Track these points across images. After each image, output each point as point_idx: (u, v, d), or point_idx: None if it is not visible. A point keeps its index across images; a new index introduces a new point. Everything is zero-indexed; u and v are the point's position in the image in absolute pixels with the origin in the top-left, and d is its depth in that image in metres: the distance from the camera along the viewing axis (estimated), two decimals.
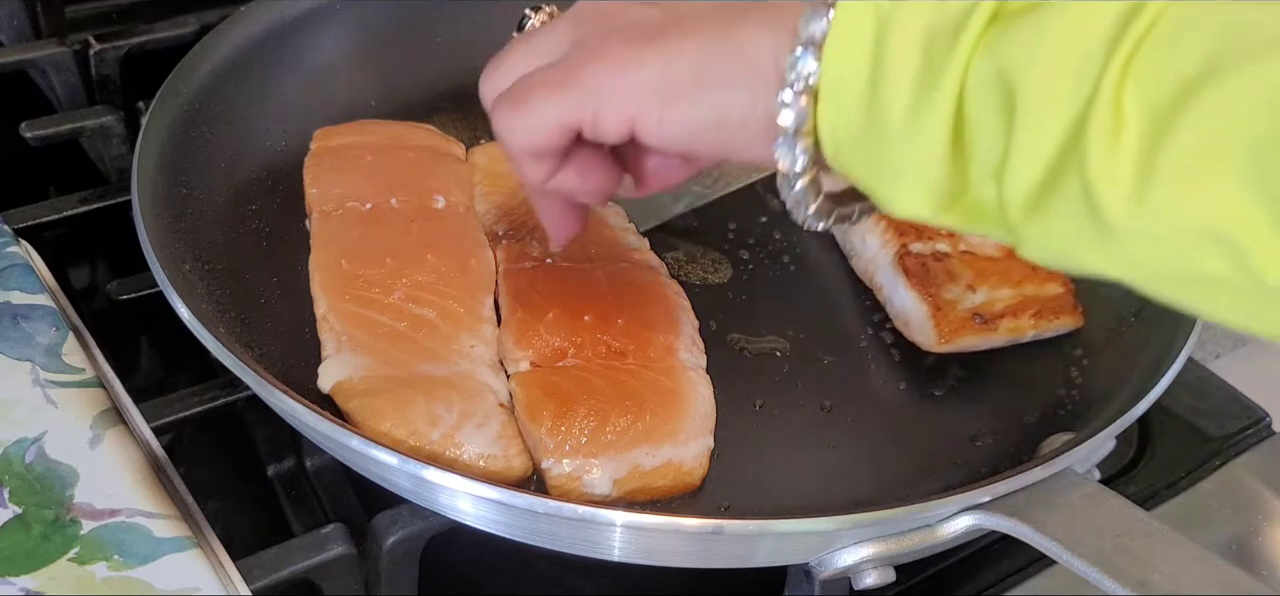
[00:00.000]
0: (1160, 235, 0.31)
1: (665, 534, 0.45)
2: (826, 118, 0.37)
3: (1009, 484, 0.45)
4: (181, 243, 0.56)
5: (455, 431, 0.49)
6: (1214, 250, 0.30)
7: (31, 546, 0.43)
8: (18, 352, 0.50)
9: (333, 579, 0.48)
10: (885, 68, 0.35)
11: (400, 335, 0.54)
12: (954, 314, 0.57)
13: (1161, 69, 0.31)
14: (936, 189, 0.36)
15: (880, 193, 0.38)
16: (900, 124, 0.36)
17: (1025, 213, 0.34)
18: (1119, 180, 0.31)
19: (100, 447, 0.47)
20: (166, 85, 0.62)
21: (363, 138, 0.64)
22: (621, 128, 0.42)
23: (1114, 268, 0.33)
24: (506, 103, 0.44)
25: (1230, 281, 0.31)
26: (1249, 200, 0.29)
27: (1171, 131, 0.30)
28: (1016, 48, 0.33)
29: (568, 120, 0.42)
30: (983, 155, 0.35)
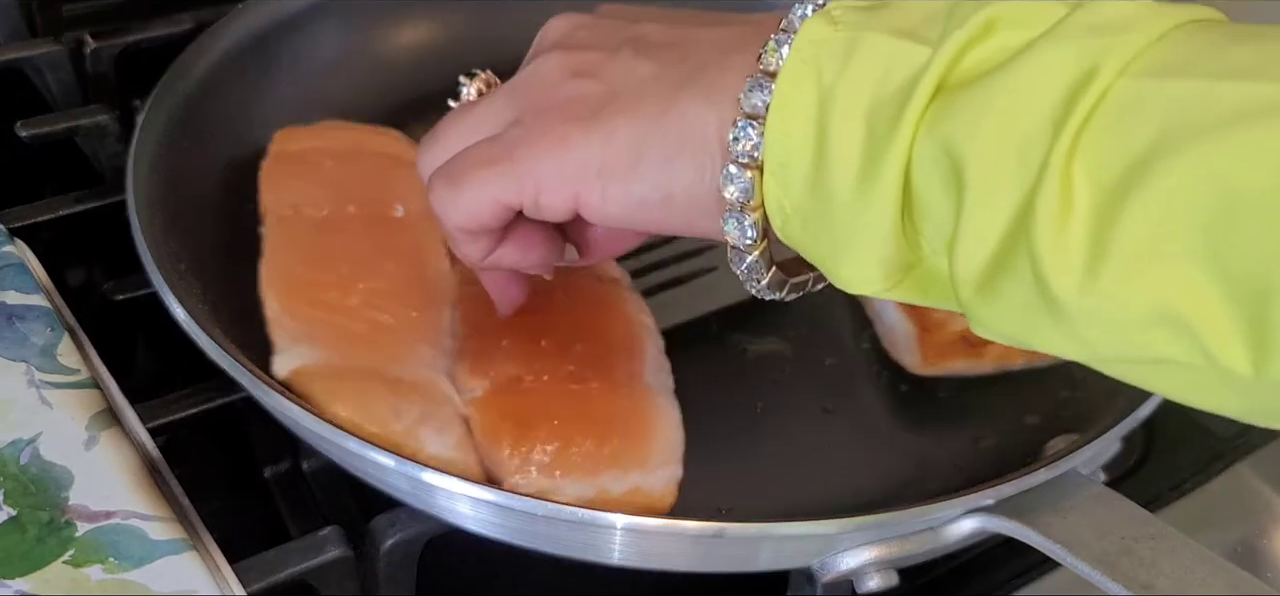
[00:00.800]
0: (1113, 318, 0.30)
1: (666, 537, 0.44)
2: (772, 194, 0.37)
3: (1013, 486, 0.45)
4: (177, 242, 0.55)
5: (418, 428, 0.48)
6: (1168, 334, 0.29)
7: (26, 548, 0.43)
8: (12, 353, 0.50)
9: (330, 581, 0.48)
10: (829, 143, 0.35)
11: (358, 335, 0.52)
12: (941, 336, 0.56)
13: (1110, 149, 0.30)
14: (887, 264, 0.35)
15: (830, 267, 0.37)
16: (847, 200, 0.35)
17: (976, 291, 0.33)
18: (1069, 262, 0.30)
19: (95, 449, 0.47)
20: (162, 84, 0.62)
21: (324, 142, 0.63)
22: (564, 208, 0.41)
23: (1067, 349, 0.32)
24: (442, 180, 0.43)
25: (1187, 365, 0.30)
26: (1202, 281, 0.28)
27: (1121, 212, 0.29)
28: (962, 123, 0.32)
29: (505, 200, 0.42)
30: (933, 230, 0.34)
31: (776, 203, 0.37)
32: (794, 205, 0.36)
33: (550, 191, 0.41)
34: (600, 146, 0.39)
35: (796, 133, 0.35)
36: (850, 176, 0.34)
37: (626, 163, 0.39)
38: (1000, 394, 0.57)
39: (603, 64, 0.41)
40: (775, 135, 0.36)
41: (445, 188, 0.43)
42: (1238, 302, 0.28)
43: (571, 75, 0.41)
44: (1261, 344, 0.28)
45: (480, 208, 0.42)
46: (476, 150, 0.42)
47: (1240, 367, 0.28)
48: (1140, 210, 0.29)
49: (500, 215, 0.42)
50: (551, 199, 0.41)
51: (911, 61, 0.33)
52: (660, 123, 0.38)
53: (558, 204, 0.41)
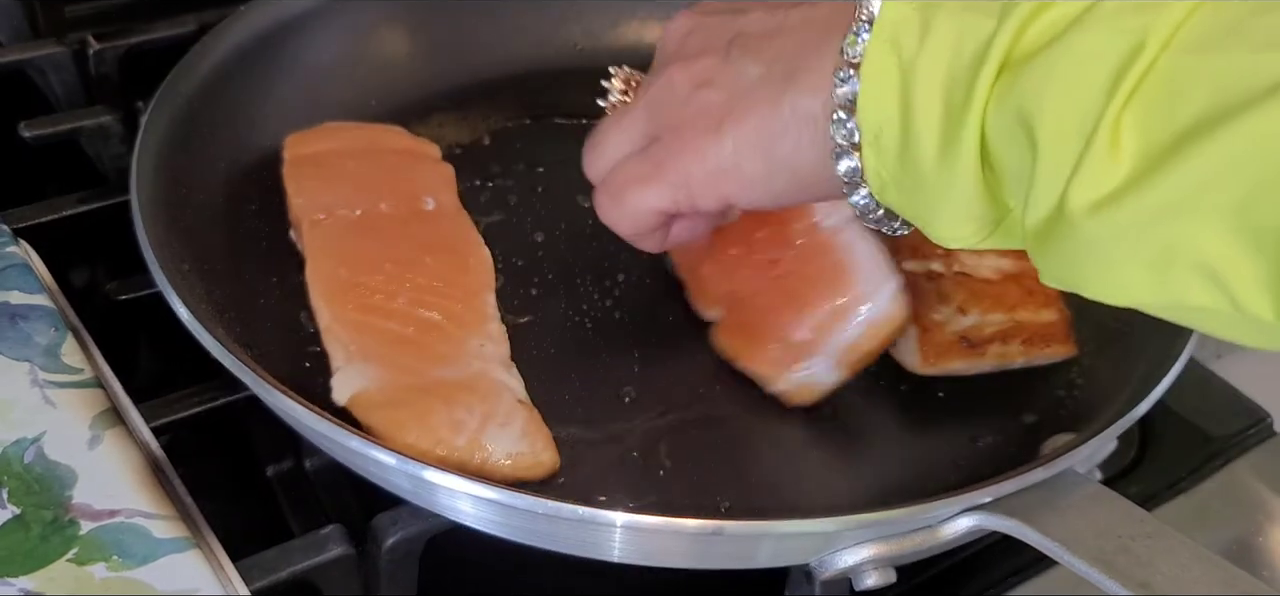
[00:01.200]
0: (1148, 264, 0.33)
1: (665, 535, 0.45)
2: (871, 166, 0.41)
3: (1010, 484, 0.45)
4: (180, 242, 0.56)
5: (480, 434, 0.49)
6: (1201, 284, 0.32)
7: (30, 547, 0.43)
8: (16, 353, 0.50)
9: (332, 579, 0.48)
10: (913, 116, 0.38)
11: (408, 340, 0.53)
12: (940, 336, 0.56)
13: (1158, 120, 0.33)
14: (976, 219, 0.39)
15: (927, 226, 0.41)
16: (933, 166, 0.38)
17: (1038, 239, 0.37)
18: (1101, 192, 0.34)
19: (99, 448, 0.47)
20: (165, 85, 0.62)
21: (337, 143, 0.64)
22: (717, 204, 0.47)
23: (1107, 294, 0.35)
24: (606, 197, 0.49)
25: (1218, 312, 0.33)
26: (1234, 247, 0.31)
27: (1163, 172, 0.32)
28: (1031, 90, 0.35)
29: (663, 208, 0.48)
30: (1014, 186, 0.38)
31: (874, 172, 0.41)
32: (889, 173, 0.40)
33: (702, 195, 0.46)
34: (733, 150, 0.44)
35: (885, 108, 0.39)
36: (933, 145, 0.38)
37: (759, 156, 0.44)
38: (998, 393, 0.57)
39: (718, 71, 0.45)
40: (867, 112, 0.40)
41: (610, 204, 0.49)
42: (1262, 257, 0.31)
43: (694, 87, 0.46)
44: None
45: (643, 217, 0.49)
46: (629, 167, 0.48)
47: (1265, 315, 0.32)
48: (1180, 175, 0.32)
49: (661, 220, 0.49)
50: (704, 201, 0.47)
51: (979, 34, 0.37)
52: (776, 117, 0.43)
53: (711, 203, 0.47)
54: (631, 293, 0.61)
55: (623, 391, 0.55)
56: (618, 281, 0.61)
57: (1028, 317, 0.57)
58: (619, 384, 0.56)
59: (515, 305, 0.59)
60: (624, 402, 0.55)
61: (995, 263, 0.59)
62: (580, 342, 0.58)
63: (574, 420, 0.53)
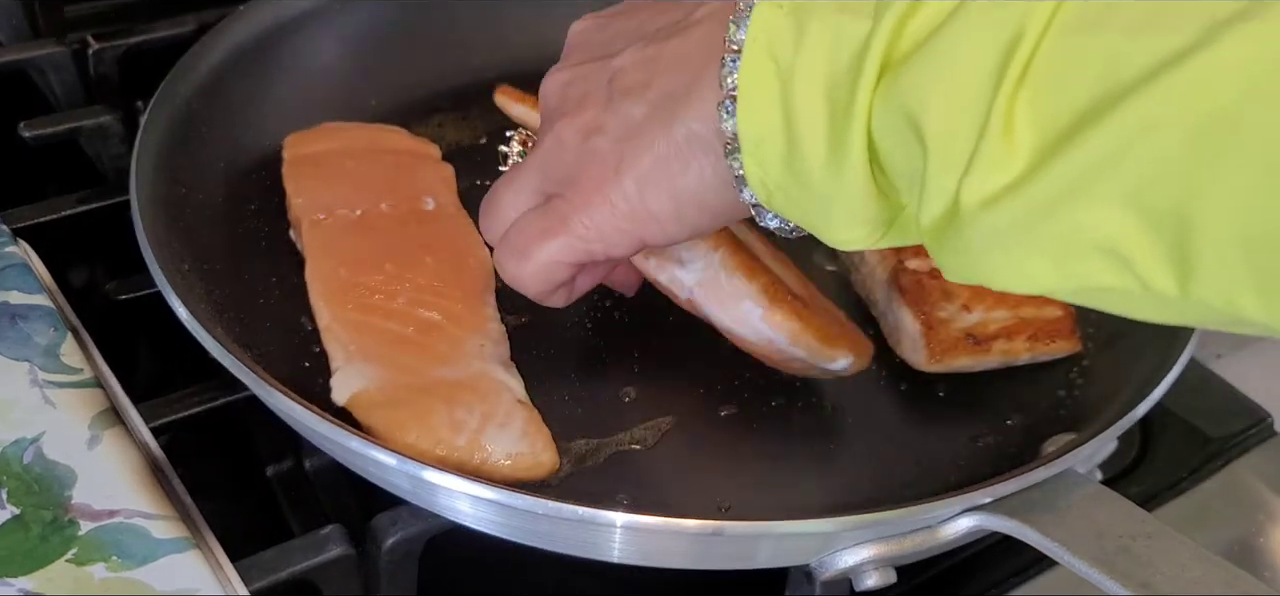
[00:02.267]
0: (1051, 252, 0.33)
1: (665, 535, 0.45)
2: (753, 174, 0.40)
3: (1010, 485, 0.45)
4: (180, 242, 0.56)
5: (479, 434, 0.49)
6: (1106, 265, 0.32)
7: (30, 547, 0.43)
8: (16, 353, 0.50)
9: (332, 579, 0.48)
10: (796, 125, 0.38)
11: (408, 340, 0.53)
12: (946, 333, 0.56)
13: (1049, 105, 0.32)
14: (869, 222, 0.39)
15: (819, 231, 0.41)
16: (820, 172, 0.38)
17: (936, 237, 0.36)
18: (1003, 203, 0.33)
19: (98, 448, 0.47)
20: (165, 85, 0.62)
21: (337, 143, 0.64)
22: (630, 250, 0.46)
23: (1014, 285, 0.35)
24: (510, 255, 0.48)
25: (1126, 291, 0.33)
26: (1134, 228, 0.31)
27: (1059, 158, 0.32)
28: (914, 88, 0.35)
29: (572, 260, 0.47)
30: (906, 186, 0.37)
31: (758, 181, 0.40)
32: (774, 182, 0.40)
33: (615, 244, 0.46)
34: (636, 191, 0.44)
35: (766, 117, 0.38)
36: (820, 150, 0.37)
37: (662, 195, 0.44)
38: (998, 393, 0.57)
39: (603, 118, 0.45)
40: (746, 122, 0.39)
41: (515, 262, 0.48)
42: (1162, 235, 0.31)
43: (583, 137, 0.45)
44: (1185, 269, 0.31)
45: (551, 272, 0.47)
46: (531, 222, 0.47)
47: (1170, 291, 0.31)
48: (1076, 159, 0.31)
49: (569, 272, 0.48)
50: (617, 249, 0.46)
51: (855, 36, 0.36)
52: (672, 154, 0.43)
53: (624, 249, 0.46)
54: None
55: (622, 391, 0.55)
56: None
57: (1032, 314, 0.57)
58: (619, 384, 0.56)
59: (515, 305, 0.59)
60: (624, 402, 0.55)
61: None
62: (580, 343, 0.58)
63: (573, 420, 0.53)
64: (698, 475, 0.52)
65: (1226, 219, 0.30)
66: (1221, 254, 0.30)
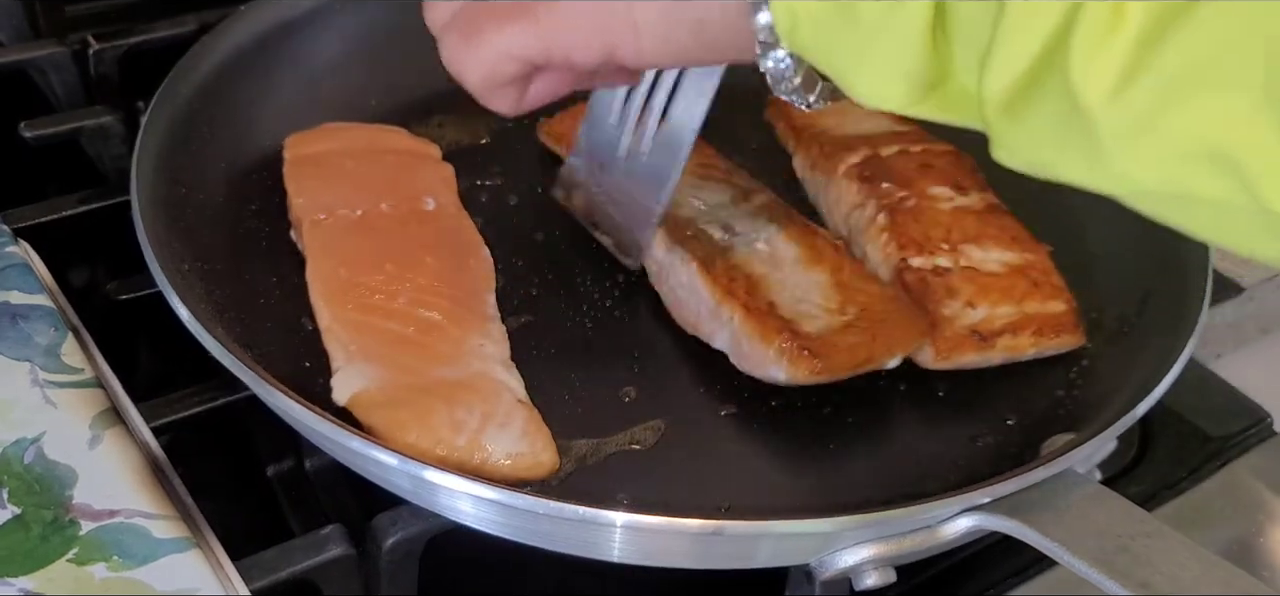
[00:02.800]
0: (1150, 146, 0.28)
1: (665, 534, 0.45)
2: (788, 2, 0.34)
3: (1010, 484, 0.45)
4: (181, 242, 0.56)
5: (479, 434, 0.49)
6: (1214, 170, 0.27)
7: (31, 547, 0.43)
8: (16, 353, 0.50)
9: (332, 579, 0.48)
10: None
11: (408, 340, 0.53)
12: (951, 330, 0.56)
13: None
14: (911, 77, 0.33)
15: (847, 78, 0.35)
16: (876, 5, 0.32)
17: (1004, 110, 0.31)
18: (1107, 78, 0.28)
19: (99, 448, 0.47)
20: (166, 85, 0.62)
21: (338, 143, 0.64)
22: (595, 60, 0.39)
23: (1096, 178, 0.30)
24: (456, 34, 0.41)
25: (1230, 204, 0.28)
26: (1259, 117, 0.26)
27: (1176, 31, 0.27)
28: None
29: (530, 56, 0.40)
30: (966, 43, 0.32)
31: (785, 6, 0.34)
32: (806, 9, 0.34)
33: (581, 47, 0.39)
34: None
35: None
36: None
37: (656, 5, 0.37)
38: (998, 393, 0.57)
39: None
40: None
41: (461, 44, 0.41)
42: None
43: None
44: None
45: (501, 65, 0.41)
46: (490, 5, 0.40)
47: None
48: (1197, 32, 0.27)
49: (522, 70, 0.41)
50: (583, 55, 0.39)
51: None
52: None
53: (589, 58, 0.39)
54: (631, 292, 0.61)
55: (623, 391, 0.55)
56: (618, 281, 0.61)
57: (1036, 309, 0.57)
58: (619, 384, 0.56)
59: (515, 305, 0.59)
60: (624, 402, 0.55)
61: (1000, 256, 0.59)
62: (580, 342, 0.58)
63: (574, 420, 0.53)
64: (698, 475, 0.52)
65: None
66: None
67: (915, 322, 0.56)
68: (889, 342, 0.55)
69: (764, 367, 0.54)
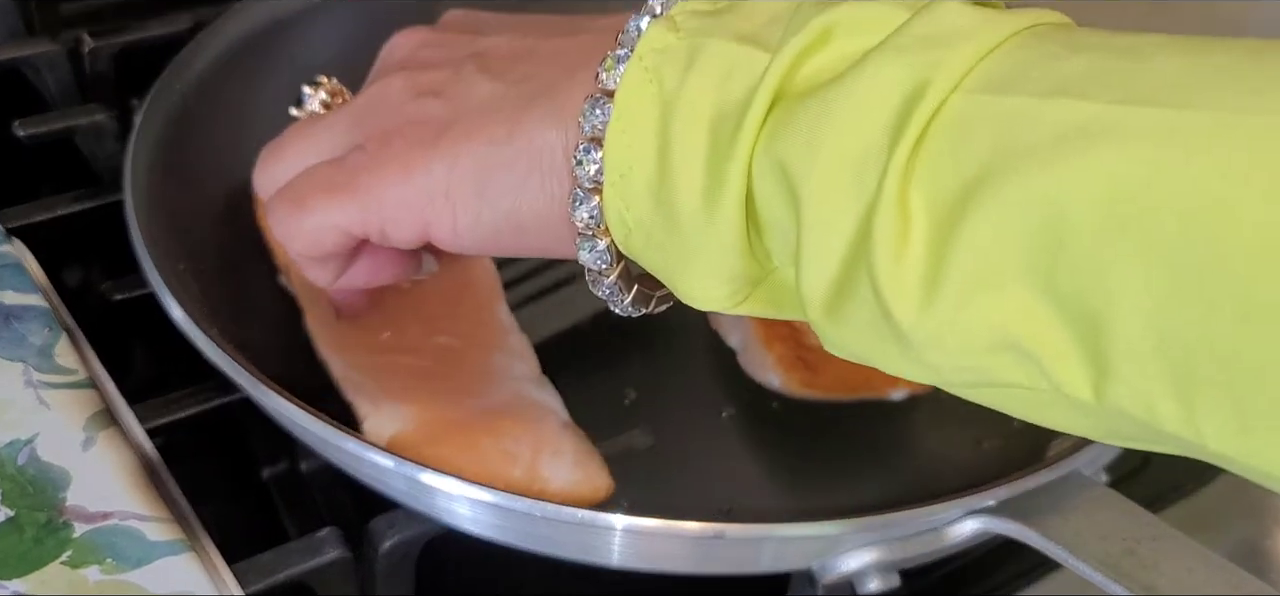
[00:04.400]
0: (954, 344, 0.29)
1: (666, 538, 0.44)
2: (613, 206, 0.35)
3: (1015, 487, 0.45)
4: (175, 242, 0.55)
5: (534, 465, 0.48)
6: (1011, 359, 0.28)
7: (23, 549, 0.43)
8: (9, 353, 0.50)
9: (328, 582, 0.48)
10: (672, 154, 0.33)
11: (431, 373, 0.51)
12: None
13: (943, 170, 0.28)
14: (733, 279, 0.34)
15: (675, 282, 0.35)
16: (691, 213, 0.33)
17: (823, 311, 0.32)
18: (908, 287, 0.29)
19: (93, 450, 0.47)
20: (160, 83, 0.62)
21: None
22: (412, 237, 0.40)
23: (914, 372, 0.31)
24: (284, 203, 0.42)
25: (1032, 389, 0.29)
26: (1037, 307, 0.27)
27: (956, 237, 0.28)
28: (797, 139, 0.30)
29: (349, 228, 0.40)
30: (779, 245, 0.33)
31: (618, 215, 0.35)
32: (635, 219, 0.35)
33: (396, 222, 0.39)
34: (445, 172, 0.38)
35: (638, 143, 0.34)
36: (695, 188, 0.33)
37: (473, 188, 0.38)
38: None
39: (447, 83, 0.40)
40: (616, 146, 0.34)
41: (287, 211, 0.42)
42: (1072, 328, 0.27)
43: (415, 96, 0.40)
44: (1099, 370, 0.27)
45: (324, 236, 0.41)
46: (318, 173, 0.41)
47: (1082, 394, 0.28)
48: (974, 235, 0.28)
49: (345, 242, 0.42)
50: (398, 229, 0.40)
51: (752, 69, 0.32)
52: (506, 145, 0.37)
53: (405, 234, 0.40)
54: None
55: (623, 393, 0.55)
56: None
57: None
58: (619, 385, 0.56)
59: (515, 306, 0.59)
60: (624, 404, 0.55)
61: None
62: (580, 343, 0.58)
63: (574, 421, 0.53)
64: (698, 478, 0.52)
65: (1137, 313, 0.26)
66: (1135, 354, 0.26)
67: None
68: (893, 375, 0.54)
69: (763, 372, 0.54)
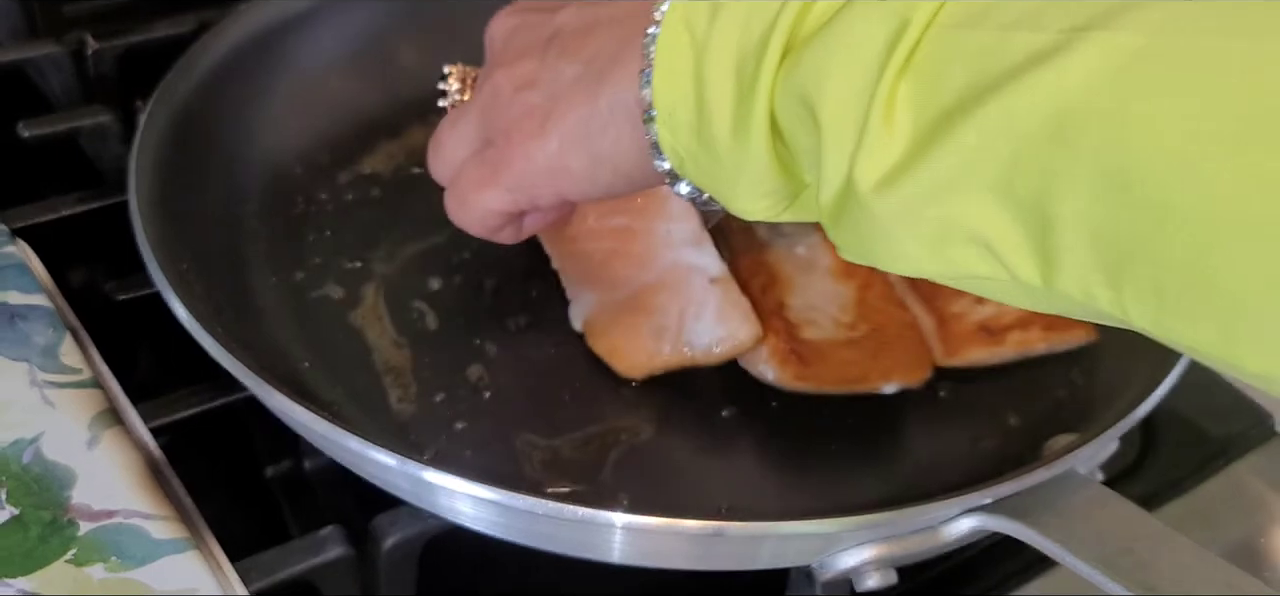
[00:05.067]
0: (926, 233, 0.35)
1: (666, 535, 0.44)
2: (665, 141, 0.42)
3: (1012, 486, 0.45)
4: (179, 242, 0.55)
5: (680, 334, 0.53)
6: (976, 253, 0.34)
7: (29, 548, 0.43)
8: (14, 353, 0.50)
9: (331, 580, 0.48)
10: (706, 94, 0.39)
11: (610, 254, 0.57)
12: (960, 327, 0.56)
13: (924, 96, 0.34)
14: (773, 194, 0.40)
15: (726, 200, 0.42)
16: (726, 143, 0.40)
17: (831, 218, 0.38)
18: (877, 173, 0.35)
19: (98, 448, 0.47)
20: (164, 84, 0.62)
21: None
22: (555, 201, 0.48)
23: (897, 265, 0.36)
24: (452, 200, 0.50)
25: (992, 278, 0.34)
26: (1000, 211, 0.33)
27: (933, 148, 0.33)
28: (810, 72, 0.36)
29: (508, 209, 0.49)
30: (808, 164, 0.39)
31: (670, 148, 0.42)
32: (686, 150, 0.41)
33: (539, 194, 0.47)
34: (558, 149, 0.45)
35: (678, 86, 0.40)
36: (726, 123, 0.39)
37: (581, 154, 0.45)
38: (999, 393, 0.57)
39: (538, 73, 0.46)
40: (661, 90, 0.41)
41: (458, 208, 0.50)
42: (1026, 228, 0.33)
43: (517, 90, 0.47)
44: (1048, 262, 0.32)
45: (490, 218, 0.49)
46: (469, 172, 0.49)
47: (1035, 281, 0.33)
48: (949, 148, 0.33)
49: (510, 217, 0.50)
50: (543, 199, 0.48)
51: (766, 14, 0.38)
52: (593, 116, 0.44)
53: (548, 200, 0.48)
54: None
55: (623, 391, 0.55)
56: None
57: None
58: (620, 383, 0.56)
59: (515, 307, 0.59)
60: (624, 402, 0.55)
61: None
62: (581, 343, 0.58)
63: (574, 420, 0.53)
64: (698, 475, 0.52)
65: (1078, 213, 0.31)
66: (1075, 247, 0.32)
67: (921, 356, 0.56)
68: (887, 368, 0.55)
69: (756, 365, 0.55)
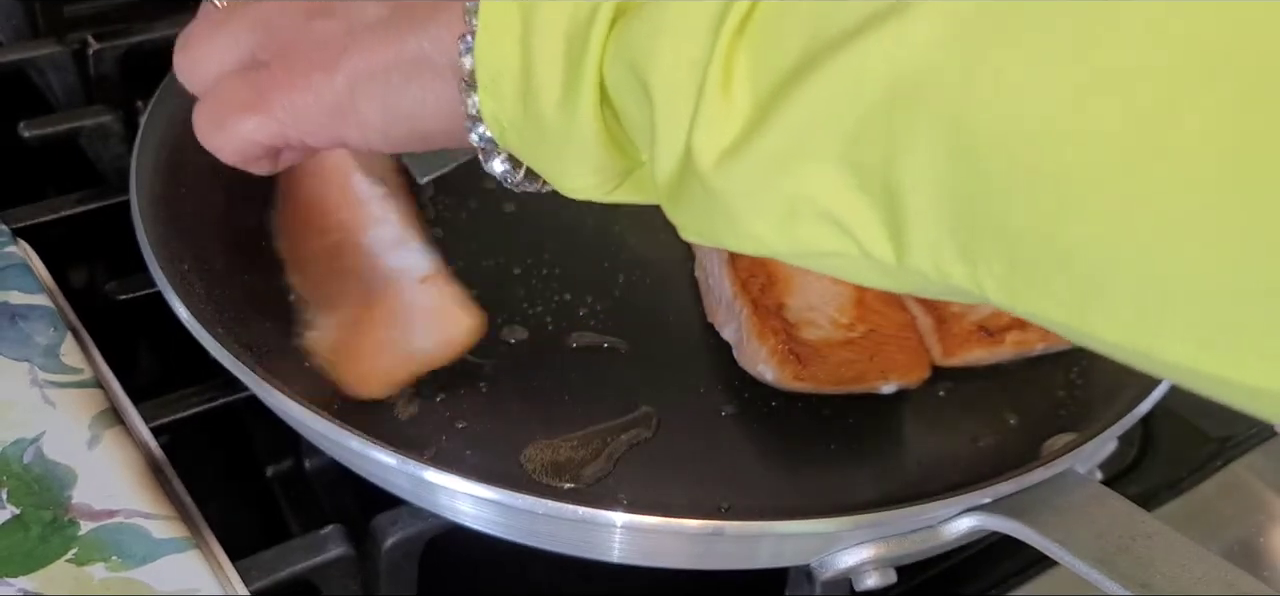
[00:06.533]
0: (771, 210, 0.32)
1: (665, 535, 0.45)
2: (488, 108, 0.39)
3: (1010, 485, 0.45)
4: (180, 242, 0.55)
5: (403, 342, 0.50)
6: (825, 229, 0.32)
7: (30, 547, 0.43)
8: (16, 353, 0.50)
9: (332, 580, 0.48)
10: (533, 61, 0.37)
11: (328, 274, 0.54)
12: (959, 327, 0.56)
13: (761, 63, 0.32)
14: (601, 171, 0.38)
15: (552, 176, 0.39)
16: (554, 114, 0.37)
17: (669, 196, 0.36)
18: (716, 149, 0.33)
19: (98, 448, 0.47)
20: (165, 84, 0.62)
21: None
22: (329, 144, 0.43)
23: (743, 244, 0.34)
24: (206, 120, 0.45)
25: (845, 256, 0.32)
26: (845, 182, 0.31)
27: (773, 117, 0.31)
28: (639, 38, 0.34)
29: (271, 142, 0.44)
30: (641, 139, 0.37)
31: (493, 116, 0.39)
32: (509, 119, 0.38)
33: (313, 134, 0.43)
34: (349, 89, 0.41)
35: (504, 51, 0.37)
36: (555, 92, 0.37)
37: (377, 99, 0.41)
38: (998, 393, 0.57)
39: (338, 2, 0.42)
40: (484, 54, 0.38)
41: (211, 130, 0.45)
42: (874, 200, 0.31)
43: (309, 16, 0.42)
44: (899, 237, 0.31)
45: (248, 149, 0.44)
46: (232, 91, 0.44)
47: (888, 258, 0.31)
48: (789, 119, 0.31)
49: (270, 149, 0.45)
50: (315, 141, 0.43)
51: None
52: (400, 56, 0.40)
53: (322, 144, 0.44)
54: (632, 292, 0.61)
55: (623, 391, 0.55)
56: (618, 280, 0.61)
57: None
58: (620, 383, 0.56)
59: (515, 308, 0.59)
60: (624, 401, 0.55)
61: None
62: (580, 343, 0.58)
63: (574, 420, 0.53)
64: (698, 475, 0.52)
65: (925, 181, 0.29)
66: (925, 217, 0.30)
67: (919, 356, 0.56)
68: (885, 367, 0.55)
69: (756, 365, 0.55)
